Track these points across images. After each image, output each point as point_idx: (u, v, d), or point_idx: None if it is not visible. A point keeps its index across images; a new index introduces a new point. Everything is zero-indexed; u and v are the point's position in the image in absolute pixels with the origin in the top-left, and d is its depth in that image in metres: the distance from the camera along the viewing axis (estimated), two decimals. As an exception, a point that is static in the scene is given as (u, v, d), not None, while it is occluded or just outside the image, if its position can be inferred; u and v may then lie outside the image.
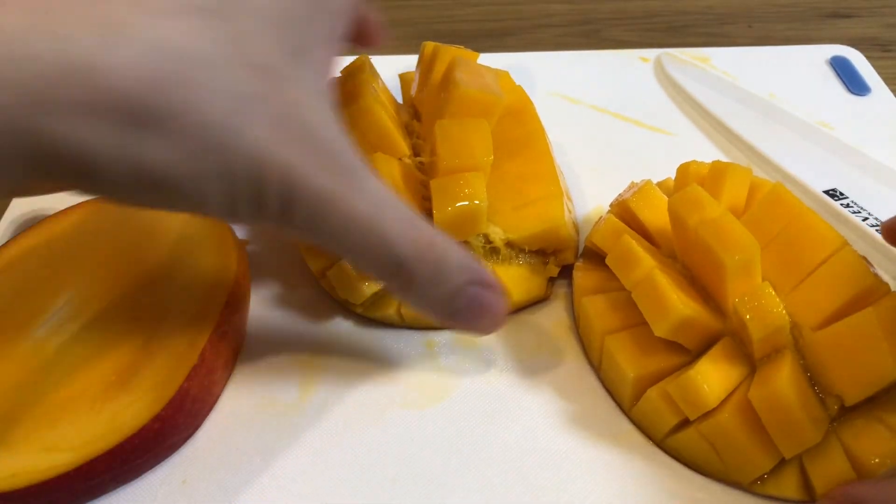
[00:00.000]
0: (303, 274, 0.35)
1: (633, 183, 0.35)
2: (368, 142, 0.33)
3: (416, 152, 0.35)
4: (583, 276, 0.33)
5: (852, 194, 0.39)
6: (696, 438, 0.28)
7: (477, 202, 0.31)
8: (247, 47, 0.20)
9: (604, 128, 0.45)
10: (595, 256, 0.34)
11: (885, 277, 0.36)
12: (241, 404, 0.31)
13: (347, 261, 0.27)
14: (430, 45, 0.38)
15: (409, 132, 0.36)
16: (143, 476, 0.28)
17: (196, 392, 0.28)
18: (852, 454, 0.27)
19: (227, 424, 0.30)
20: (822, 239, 0.28)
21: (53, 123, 0.18)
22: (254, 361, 0.32)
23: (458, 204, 0.30)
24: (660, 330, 0.28)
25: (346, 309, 0.34)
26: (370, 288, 0.32)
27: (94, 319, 0.30)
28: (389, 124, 0.34)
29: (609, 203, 0.36)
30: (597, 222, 0.35)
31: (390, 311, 0.32)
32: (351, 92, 0.34)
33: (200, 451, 0.29)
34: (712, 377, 0.27)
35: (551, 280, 0.35)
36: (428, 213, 0.31)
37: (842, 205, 0.38)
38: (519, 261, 0.34)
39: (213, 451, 0.29)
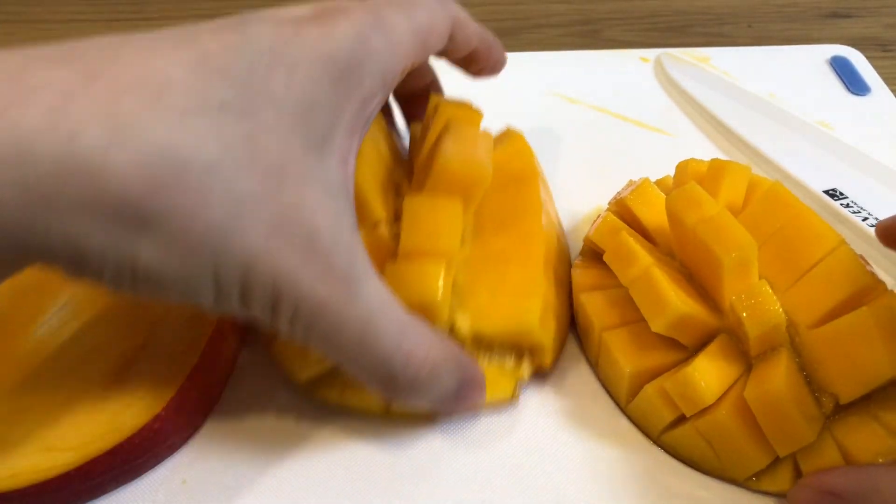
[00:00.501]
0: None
1: (631, 181, 0.36)
2: None
3: (399, 217, 0.32)
4: (581, 274, 0.33)
5: (852, 194, 0.39)
6: (693, 435, 0.28)
7: (433, 298, 0.27)
8: (260, 146, 0.20)
9: (604, 128, 0.45)
10: (593, 254, 0.34)
11: (885, 277, 0.36)
12: (242, 405, 0.31)
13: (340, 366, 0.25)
14: (434, 99, 0.35)
15: (398, 192, 0.33)
16: (143, 476, 0.28)
17: (196, 392, 0.28)
18: (846, 451, 0.27)
19: (227, 424, 0.30)
20: (819, 237, 0.28)
21: (51, 220, 0.18)
22: (253, 362, 0.32)
23: (412, 297, 0.27)
24: (657, 326, 0.28)
25: None
26: (309, 371, 0.29)
27: (94, 319, 0.30)
28: (364, 188, 0.30)
29: (608, 202, 0.36)
30: (595, 220, 0.35)
31: (332, 394, 0.30)
32: None
33: (200, 451, 0.29)
34: (709, 374, 0.27)
35: (521, 383, 0.31)
36: None
37: (842, 205, 0.38)
38: (486, 358, 0.30)
39: (213, 451, 0.29)
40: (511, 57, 0.50)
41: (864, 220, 0.37)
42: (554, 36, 0.54)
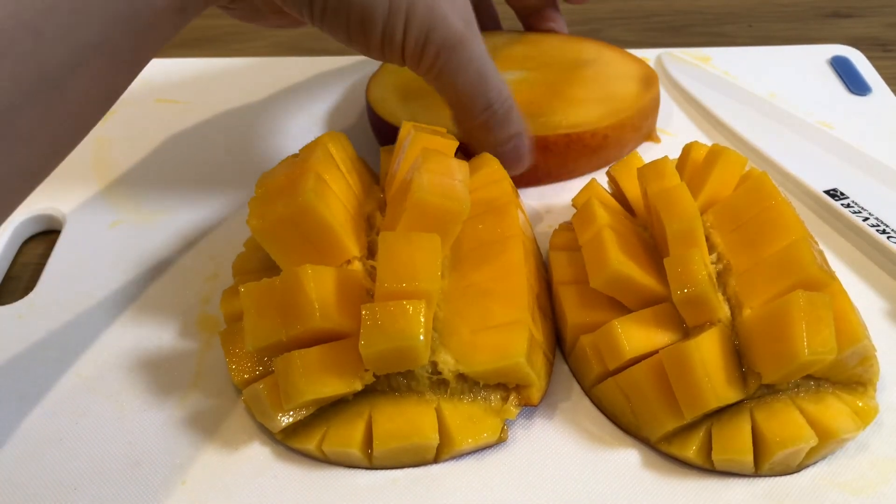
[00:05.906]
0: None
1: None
2: (311, 243, 0.29)
3: (372, 251, 0.31)
4: (557, 234, 0.36)
5: (852, 194, 0.39)
6: (614, 389, 0.29)
7: (414, 342, 0.26)
8: None
9: (604, 128, 0.44)
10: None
11: (883, 276, 0.36)
12: (244, 412, 0.31)
13: (449, 102, 0.33)
14: (407, 126, 0.34)
15: (371, 225, 0.32)
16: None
17: None
18: (759, 430, 0.27)
19: (228, 425, 0.30)
20: (785, 228, 0.30)
21: None
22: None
23: (389, 341, 0.26)
24: (595, 282, 0.30)
25: None
26: (283, 420, 0.28)
27: None
28: (333, 225, 0.29)
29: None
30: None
31: (310, 445, 0.28)
32: (295, 182, 0.30)
33: (200, 452, 0.29)
34: (634, 331, 0.29)
35: (509, 422, 0.30)
36: None
37: (842, 205, 0.38)
38: (471, 396, 0.29)
39: (214, 452, 0.29)
40: (511, 57, 0.50)
41: (864, 220, 0.37)
42: (554, 36, 0.54)
